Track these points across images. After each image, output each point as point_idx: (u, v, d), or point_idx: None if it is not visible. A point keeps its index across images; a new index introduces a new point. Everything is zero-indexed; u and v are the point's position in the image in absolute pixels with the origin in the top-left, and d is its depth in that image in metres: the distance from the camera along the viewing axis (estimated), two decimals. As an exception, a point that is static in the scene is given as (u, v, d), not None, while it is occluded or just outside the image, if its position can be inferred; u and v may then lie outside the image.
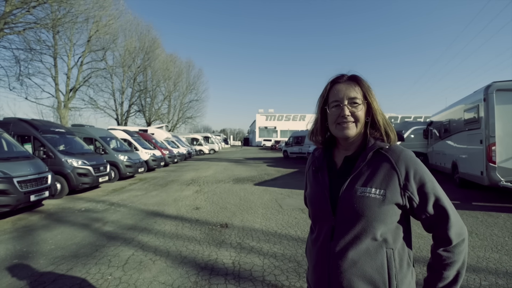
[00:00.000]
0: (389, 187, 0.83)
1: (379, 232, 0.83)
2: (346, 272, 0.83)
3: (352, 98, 0.90)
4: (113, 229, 4.33)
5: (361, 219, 0.83)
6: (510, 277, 2.74)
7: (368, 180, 0.85)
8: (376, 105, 0.92)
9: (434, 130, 10.18)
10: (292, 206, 5.74)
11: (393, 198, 0.83)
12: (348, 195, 0.86)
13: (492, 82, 5.97)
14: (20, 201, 5.04)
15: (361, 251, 0.83)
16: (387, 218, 0.83)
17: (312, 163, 1.05)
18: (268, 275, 2.79)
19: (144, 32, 29.61)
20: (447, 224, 0.83)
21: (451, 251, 0.83)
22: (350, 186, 0.87)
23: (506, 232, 4.05)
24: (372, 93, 0.93)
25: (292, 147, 22.10)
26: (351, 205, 0.84)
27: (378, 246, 0.83)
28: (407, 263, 0.87)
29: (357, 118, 0.90)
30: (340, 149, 0.98)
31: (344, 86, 0.91)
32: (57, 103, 19.18)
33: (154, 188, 8.16)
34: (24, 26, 13.39)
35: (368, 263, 0.82)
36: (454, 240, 0.83)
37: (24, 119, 7.55)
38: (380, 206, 0.82)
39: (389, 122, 0.93)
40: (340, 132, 0.91)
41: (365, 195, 0.83)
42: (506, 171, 5.70)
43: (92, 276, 2.80)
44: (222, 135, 58.09)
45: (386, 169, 0.85)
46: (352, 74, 0.95)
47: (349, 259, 0.83)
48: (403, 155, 0.86)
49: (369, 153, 0.88)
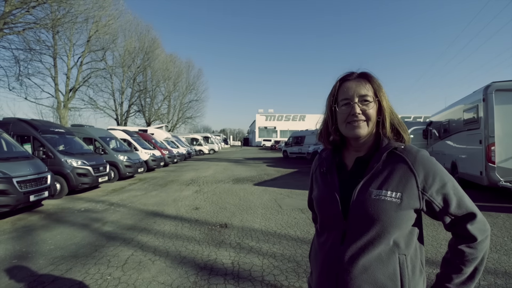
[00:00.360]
0: (406, 190, 0.79)
1: (393, 237, 0.79)
2: (357, 279, 0.79)
3: (362, 96, 0.86)
4: (112, 229, 4.33)
5: (375, 224, 0.78)
6: (509, 277, 2.75)
7: (383, 182, 0.81)
8: (388, 103, 0.88)
9: (434, 130, 10.20)
10: (292, 206, 5.75)
11: (410, 202, 0.79)
12: (362, 198, 0.81)
13: (491, 82, 5.98)
14: (19, 201, 5.04)
15: (372, 257, 0.79)
16: (402, 223, 0.79)
17: (319, 164, 1.00)
18: (267, 275, 2.79)
19: (144, 32, 29.64)
20: (472, 223, 0.80)
21: (474, 248, 0.80)
22: (364, 188, 0.82)
23: (505, 232, 4.05)
24: (383, 91, 0.89)
25: (291, 147, 22.11)
26: (365, 209, 0.80)
27: (391, 252, 0.79)
28: (419, 270, 0.83)
29: (369, 116, 0.85)
30: (351, 150, 0.94)
31: (354, 83, 0.87)
32: (56, 103, 19.20)
33: (153, 188, 8.16)
34: (24, 26, 13.38)
35: (380, 270, 0.78)
36: (479, 237, 0.80)
37: (23, 119, 7.55)
38: (397, 211, 0.78)
39: (401, 121, 0.89)
40: (351, 132, 0.86)
41: (380, 198, 0.79)
42: (506, 171, 5.71)
43: (92, 276, 2.80)
44: (222, 135, 58.06)
45: (402, 171, 0.81)
46: (363, 71, 0.91)
47: (360, 265, 0.79)
48: (420, 156, 0.82)
49: (384, 153, 0.84)
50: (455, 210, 0.81)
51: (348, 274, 0.80)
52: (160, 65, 32.56)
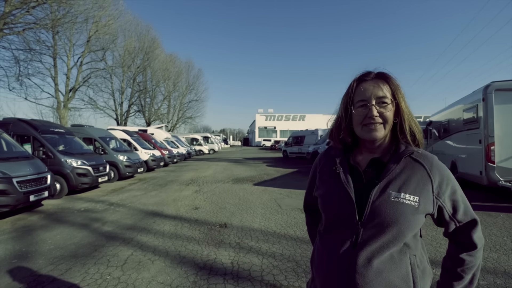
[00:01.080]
0: (423, 194, 0.79)
1: (406, 239, 0.80)
2: (371, 283, 0.76)
3: (380, 98, 0.83)
4: (112, 229, 4.33)
5: (393, 226, 0.77)
6: (508, 276, 2.75)
7: (402, 185, 0.80)
8: (406, 105, 0.86)
9: (434, 130, 10.19)
10: (291, 206, 5.75)
11: (426, 207, 0.80)
12: (381, 200, 0.79)
13: (491, 82, 5.98)
14: (19, 201, 5.04)
15: (386, 259, 0.78)
16: (417, 227, 0.80)
17: (327, 162, 0.96)
18: (267, 275, 2.79)
19: (144, 32, 29.65)
20: (474, 230, 0.83)
21: (474, 255, 0.83)
22: (383, 190, 0.80)
23: (505, 232, 4.06)
24: (402, 92, 0.86)
25: (291, 147, 22.11)
26: (384, 211, 0.78)
27: (402, 253, 0.79)
28: (428, 270, 0.85)
29: (386, 119, 0.83)
30: (364, 151, 0.92)
31: (372, 84, 0.85)
32: (56, 103, 19.21)
33: (153, 188, 8.16)
34: (24, 27, 13.39)
35: (394, 272, 0.77)
36: (478, 244, 0.83)
37: (23, 119, 7.55)
38: (414, 214, 0.78)
39: (417, 123, 0.88)
40: (367, 134, 0.84)
41: (399, 201, 0.78)
42: (505, 170, 5.71)
43: (91, 276, 2.80)
44: (222, 135, 58.06)
45: (420, 175, 0.81)
46: (380, 71, 0.88)
47: (374, 268, 0.77)
48: (436, 162, 0.84)
49: (403, 157, 0.83)
50: (462, 216, 0.84)
51: (362, 278, 0.77)
52: (160, 65, 32.56)
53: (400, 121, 0.86)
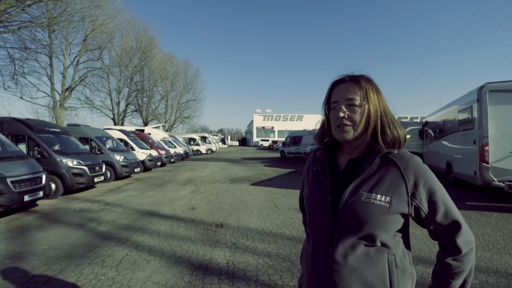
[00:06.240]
0: (396, 195, 0.80)
1: (380, 239, 0.81)
2: (346, 279, 0.79)
3: (349, 100, 0.85)
4: (107, 229, 4.31)
5: (363, 226, 0.79)
6: (500, 275, 2.78)
7: (374, 185, 0.81)
8: (377, 107, 0.86)
9: (429, 130, 10.27)
10: (288, 206, 5.76)
11: (399, 207, 0.80)
12: (352, 200, 0.81)
13: (485, 83, 6.04)
14: (13, 201, 5.00)
15: (361, 257, 0.80)
16: (390, 227, 0.80)
17: (313, 163, 1.00)
18: (262, 275, 2.80)
19: (141, 32, 29.52)
20: (457, 234, 0.81)
21: (460, 260, 0.81)
22: (355, 190, 0.83)
23: (498, 231, 4.10)
24: (374, 94, 0.86)
25: (289, 147, 22.13)
26: (354, 210, 0.80)
27: (379, 252, 0.80)
28: (409, 271, 0.84)
29: (354, 121, 0.85)
30: (344, 152, 0.94)
31: (344, 87, 0.87)
32: (52, 102, 19.07)
33: (150, 188, 8.14)
34: (19, 25, 13.25)
35: (369, 270, 0.79)
36: (463, 249, 0.80)
37: (18, 119, 7.47)
38: (385, 214, 0.79)
39: (397, 124, 0.87)
40: (338, 135, 0.87)
41: (370, 201, 0.80)
42: (499, 171, 5.77)
43: (85, 277, 2.79)
44: (220, 135, 57.92)
45: (393, 175, 0.82)
46: (354, 75, 0.89)
47: (349, 265, 0.79)
48: (412, 162, 0.83)
49: (376, 157, 0.84)
50: (441, 219, 0.81)
51: (337, 275, 0.80)
52: (158, 65, 32.43)
53: (376, 122, 0.87)
